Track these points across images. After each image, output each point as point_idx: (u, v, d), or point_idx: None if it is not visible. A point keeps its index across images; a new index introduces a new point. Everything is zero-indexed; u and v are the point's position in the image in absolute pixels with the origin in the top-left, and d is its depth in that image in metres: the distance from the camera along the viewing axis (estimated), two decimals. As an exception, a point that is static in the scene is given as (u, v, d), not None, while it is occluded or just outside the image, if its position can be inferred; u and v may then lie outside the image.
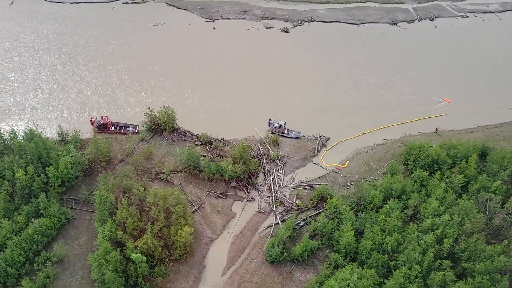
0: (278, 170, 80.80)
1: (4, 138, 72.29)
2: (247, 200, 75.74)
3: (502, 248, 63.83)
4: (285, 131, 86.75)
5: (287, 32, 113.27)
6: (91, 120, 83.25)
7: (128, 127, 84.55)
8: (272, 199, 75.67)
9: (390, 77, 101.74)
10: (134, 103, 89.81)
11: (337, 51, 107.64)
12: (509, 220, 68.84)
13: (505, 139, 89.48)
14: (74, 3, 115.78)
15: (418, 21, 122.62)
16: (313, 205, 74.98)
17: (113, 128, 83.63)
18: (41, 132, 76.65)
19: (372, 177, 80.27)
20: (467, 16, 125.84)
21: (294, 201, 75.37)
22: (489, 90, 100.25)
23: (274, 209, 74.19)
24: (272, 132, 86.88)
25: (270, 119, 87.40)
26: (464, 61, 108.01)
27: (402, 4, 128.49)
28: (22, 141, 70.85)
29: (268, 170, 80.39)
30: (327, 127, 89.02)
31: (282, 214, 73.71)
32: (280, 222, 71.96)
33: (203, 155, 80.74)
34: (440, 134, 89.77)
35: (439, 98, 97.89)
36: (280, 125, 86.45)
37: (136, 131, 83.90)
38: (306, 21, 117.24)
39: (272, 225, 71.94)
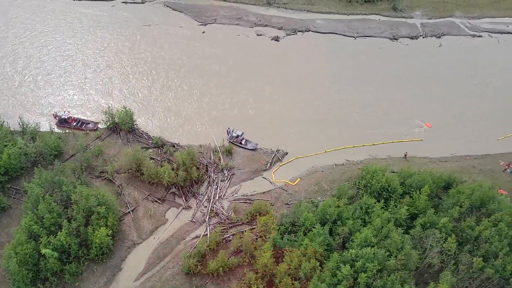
0: (224, 180, 79.30)
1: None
2: (183, 208, 75.00)
3: (426, 291, 59.10)
4: (243, 142, 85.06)
5: (277, 40, 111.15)
6: (53, 114, 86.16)
7: (89, 124, 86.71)
8: (208, 209, 74.38)
9: (373, 95, 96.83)
10: (99, 100, 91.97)
11: (322, 64, 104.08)
12: (447, 260, 63.47)
13: (481, 172, 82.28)
14: (76, 0, 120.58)
15: (423, 37, 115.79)
16: (247, 220, 72.90)
17: (74, 124, 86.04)
18: (3, 122, 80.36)
19: (319, 198, 76.70)
20: (480, 36, 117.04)
21: (229, 214, 73.65)
22: (481, 118, 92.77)
23: (207, 220, 72.83)
24: (230, 142, 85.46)
25: (228, 128, 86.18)
26: (460, 84, 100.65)
27: (410, 19, 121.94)
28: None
29: (213, 179, 79.14)
30: (290, 141, 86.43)
31: (214, 226, 72.20)
32: (209, 234, 70.55)
33: (153, 158, 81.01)
34: (408, 160, 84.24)
35: (420, 121, 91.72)
36: (238, 135, 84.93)
37: (95, 128, 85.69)
38: (300, 31, 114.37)
39: (199, 236, 70.62)
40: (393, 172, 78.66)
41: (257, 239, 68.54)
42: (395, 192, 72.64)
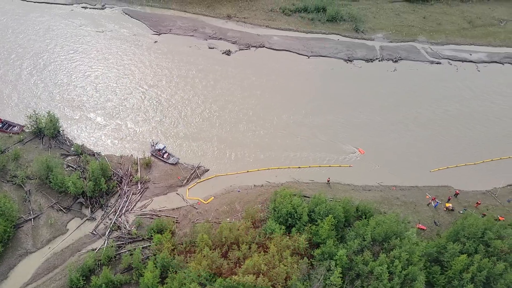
0: (136, 194, 78.14)
1: None
2: (87, 219, 73.96)
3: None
4: (165, 155, 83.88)
5: (228, 54, 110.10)
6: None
7: (15, 126, 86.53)
8: (111, 223, 73.20)
9: (309, 117, 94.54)
10: (29, 102, 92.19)
11: (267, 82, 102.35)
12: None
13: (403, 204, 79.69)
14: (37, 2, 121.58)
15: (379, 61, 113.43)
16: (148, 236, 71.49)
17: (0, 126, 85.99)
18: None
19: (228, 219, 74.97)
20: (439, 63, 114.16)
21: (131, 228, 72.39)
22: (417, 148, 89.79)
23: (107, 234, 71.62)
24: (152, 155, 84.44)
25: (152, 140, 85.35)
26: (403, 111, 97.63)
27: (370, 40, 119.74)
28: None
29: (125, 192, 78.03)
30: (214, 158, 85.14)
31: (113, 240, 70.95)
32: (105, 248, 69.25)
33: (70, 166, 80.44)
34: (331, 187, 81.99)
35: (353, 147, 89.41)
36: (160, 148, 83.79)
37: (20, 131, 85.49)
38: (254, 46, 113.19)
39: (95, 249, 69.39)
40: (307, 197, 76.77)
41: (148, 257, 67.04)
42: (301, 219, 70.52)
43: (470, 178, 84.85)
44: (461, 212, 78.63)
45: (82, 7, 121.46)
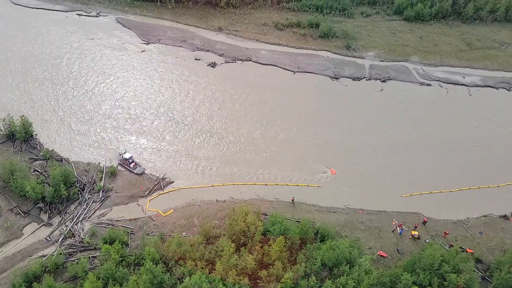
0: (96, 202, 78.19)
1: None
2: (44, 224, 74.27)
3: None
4: (131, 165, 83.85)
5: (213, 67, 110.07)
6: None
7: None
8: (67, 230, 73.31)
9: (282, 133, 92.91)
10: (5, 106, 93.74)
11: (246, 96, 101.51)
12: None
13: (367, 229, 77.13)
14: (35, 8, 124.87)
15: (367, 80, 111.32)
16: (99, 246, 71.13)
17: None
18: None
19: (184, 233, 74.12)
20: (429, 85, 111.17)
21: (84, 237, 72.31)
22: (391, 172, 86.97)
23: (59, 240, 71.69)
24: (120, 163, 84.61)
25: (120, 149, 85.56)
26: (383, 133, 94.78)
27: (361, 59, 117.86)
28: None
29: (85, 199, 78.16)
30: (180, 170, 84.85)
31: (65, 248, 70.94)
32: (55, 255, 69.25)
33: (36, 170, 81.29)
34: (295, 206, 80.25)
35: (325, 167, 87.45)
36: (126, 158, 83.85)
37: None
38: (240, 60, 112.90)
39: (44, 256, 69.44)
40: (266, 215, 75.42)
41: (95, 267, 66.69)
42: (254, 238, 69.16)
43: (443, 206, 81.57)
44: (427, 241, 75.42)
45: (77, 14, 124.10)
